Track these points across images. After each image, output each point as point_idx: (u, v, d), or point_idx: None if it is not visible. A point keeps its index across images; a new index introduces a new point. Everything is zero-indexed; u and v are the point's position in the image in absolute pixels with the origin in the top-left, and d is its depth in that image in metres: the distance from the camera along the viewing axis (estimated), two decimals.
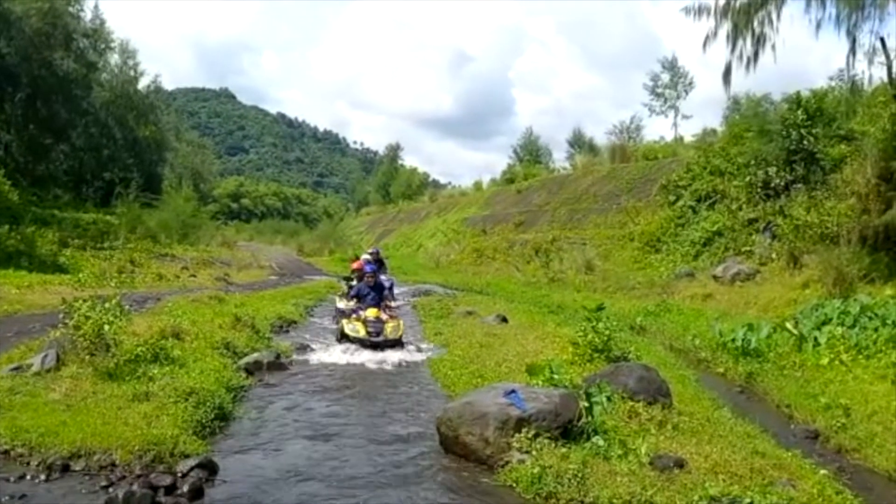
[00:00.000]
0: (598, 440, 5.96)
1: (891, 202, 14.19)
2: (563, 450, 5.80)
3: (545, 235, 31.42)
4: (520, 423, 6.07)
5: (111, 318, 7.86)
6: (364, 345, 11.51)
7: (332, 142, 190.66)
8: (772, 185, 19.54)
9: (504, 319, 14.70)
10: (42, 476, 5.31)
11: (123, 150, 39.92)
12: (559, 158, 54.23)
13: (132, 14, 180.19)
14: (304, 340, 12.88)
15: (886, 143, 15.19)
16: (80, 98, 35.11)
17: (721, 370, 11.16)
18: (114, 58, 40.76)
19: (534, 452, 5.78)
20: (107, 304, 8.03)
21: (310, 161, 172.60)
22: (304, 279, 28.68)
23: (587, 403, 6.46)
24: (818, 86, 21.13)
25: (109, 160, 38.93)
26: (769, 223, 19.04)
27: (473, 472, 5.99)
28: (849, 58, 15.21)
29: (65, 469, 5.43)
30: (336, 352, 11.60)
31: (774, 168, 19.41)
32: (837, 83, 19.95)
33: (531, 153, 54.31)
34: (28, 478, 5.29)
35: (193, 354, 9.17)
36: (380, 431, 7.27)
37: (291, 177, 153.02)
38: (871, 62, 15.07)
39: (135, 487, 4.94)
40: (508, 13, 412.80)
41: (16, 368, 7.56)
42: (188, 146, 69.46)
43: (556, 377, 7.19)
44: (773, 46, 15.69)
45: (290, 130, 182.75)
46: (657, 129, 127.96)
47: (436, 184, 78.27)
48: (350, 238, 56.48)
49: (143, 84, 43.54)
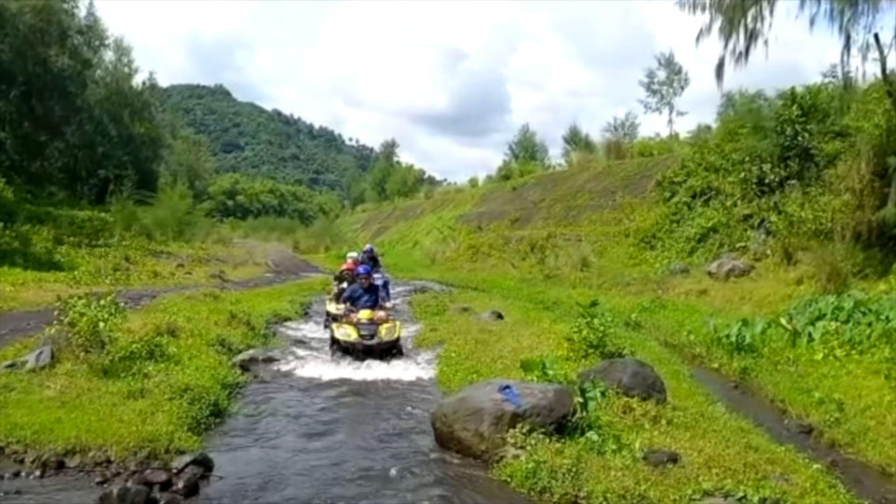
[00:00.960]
0: (593, 435, 5.99)
1: (885, 198, 14.24)
2: (558, 445, 5.84)
3: (541, 232, 31.44)
4: (514, 419, 6.10)
5: (106, 316, 7.89)
6: (356, 349, 10.47)
7: (328, 139, 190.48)
8: (766, 182, 19.58)
9: (499, 316, 14.72)
10: (37, 473, 5.33)
11: (118, 148, 39.74)
12: (555, 155, 54.26)
13: (126, 11, 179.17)
14: (293, 345, 12.07)
15: (880, 139, 15.24)
16: (75, 95, 34.93)
17: (715, 366, 11.20)
18: (108, 55, 40.65)
19: (528, 447, 5.81)
20: (102, 302, 8.06)
21: (305, 158, 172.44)
22: (300, 276, 28.68)
23: (581, 399, 6.50)
24: (812, 82, 21.18)
25: (104, 157, 38.74)
26: (763, 219, 19.09)
27: (468, 467, 6.01)
28: (843, 54, 15.23)
29: (60, 466, 5.44)
30: (319, 364, 10.32)
31: (769, 164, 19.44)
32: (832, 80, 19.93)
33: (527, 150, 54.27)
34: (23, 474, 5.30)
35: (188, 351, 9.20)
36: (374, 427, 7.29)
37: (287, 174, 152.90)
38: (865, 58, 15.04)
39: (130, 484, 4.95)
40: (503, 9, 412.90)
41: (10, 365, 7.55)
42: (183, 143, 69.23)
43: (551, 373, 7.22)
44: (766, 42, 15.70)
45: (286, 127, 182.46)
46: (652, 126, 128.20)
47: (431, 181, 78.40)
48: (346, 235, 56.53)
49: (138, 81, 43.51)
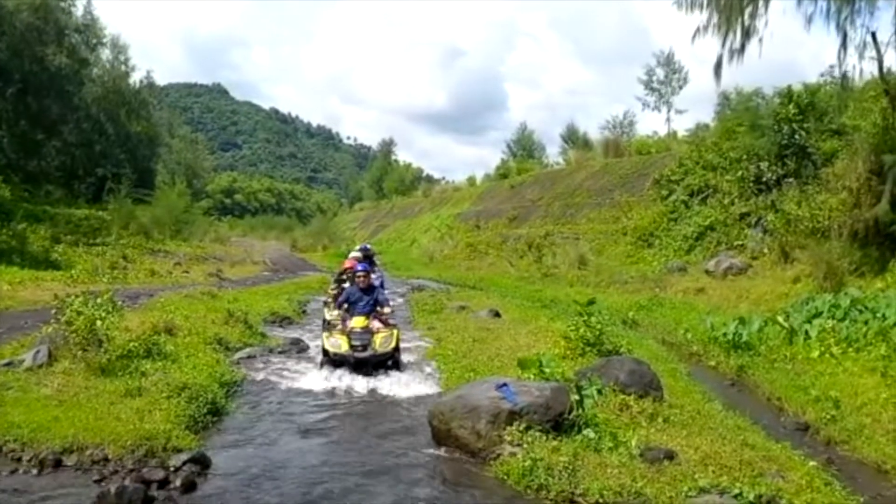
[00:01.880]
0: (589, 433, 6.01)
1: (881, 196, 14.25)
2: (554, 442, 5.85)
3: (538, 230, 31.46)
4: (511, 417, 6.12)
5: (103, 314, 7.87)
6: (348, 363, 9.32)
7: (326, 137, 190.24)
8: (763, 180, 19.62)
9: (497, 314, 14.74)
10: (34, 471, 5.33)
11: (116, 146, 39.69)
12: (552, 153, 54.16)
13: (123, 9, 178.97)
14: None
15: (877, 138, 15.26)
16: (72, 94, 34.89)
17: (712, 363, 11.23)
18: (105, 53, 40.63)
19: (525, 445, 5.82)
20: (99, 300, 8.04)
21: (303, 156, 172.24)
22: (298, 275, 28.65)
23: (578, 397, 6.52)
24: (810, 80, 21.22)
25: (101, 156, 38.67)
26: (761, 218, 19.12)
27: (465, 465, 6.02)
28: (840, 52, 15.25)
29: (57, 464, 5.44)
30: (311, 377, 9.39)
31: (766, 163, 19.48)
32: (829, 79, 19.98)
33: (525, 148, 54.27)
34: (20, 472, 5.30)
35: (186, 350, 9.21)
36: (371, 424, 7.30)
37: (285, 172, 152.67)
38: (862, 56, 15.06)
39: (127, 482, 4.96)
40: (500, 7, 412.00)
41: (8, 364, 7.55)
42: (181, 142, 69.25)
43: (548, 371, 7.25)
44: (761, 40, 15.69)
45: (284, 126, 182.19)
46: (650, 124, 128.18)
47: (429, 179, 78.33)
48: (344, 233, 56.49)
49: (135, 79, 43.44)
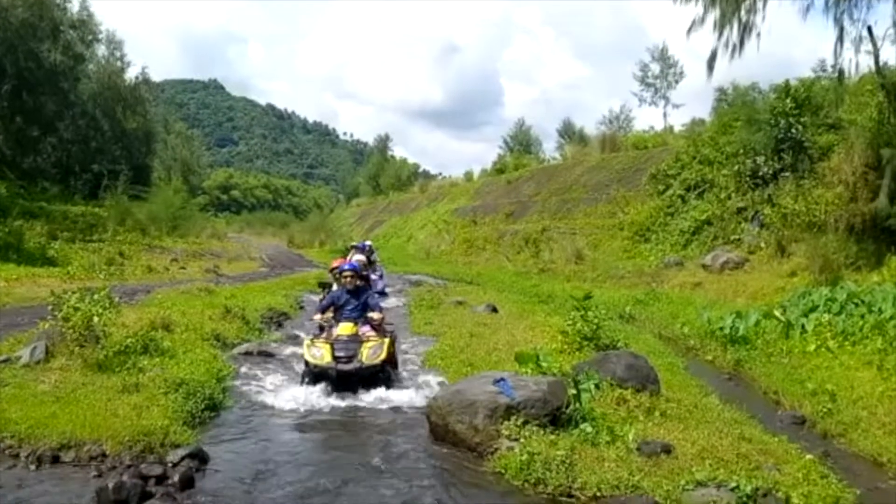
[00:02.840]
0: (587, 427, 6.01)
1: (877, 190, 14.29)
2: (552, 437, 5.86)
3: (535, 225, 31.45)
4: (508, 411, 6.12)
5: (100, 310, 7.87)
6: (329, 377, 8.12)
7: (322, 133, 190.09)
8: (760, 174, 19.62)
9: (494, 309, 14.75)
10: (32, 467, 5.32)
11: (111, 143, 39.54)
12: (549, 149, 54.25)
13: (119, 5, 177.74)
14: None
15: (874, 132, 15.29)
16: (68, 90, 34.73)
17: (709, 357, 11.26)
18: (101, 49, 40.28)
19: (522, 439, 5.83)
20: (96, 296, 8.03)
21: (299, 152, 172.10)
22: (295, 271, 28.61)
23: (575, 391, 6.52)
24: (806, 75, 21.22)
25: (97, 152, 38.55)
26: (757, 212, 19.13)
27: (463, 460, 6.03)
28: (836, 46, 15.24)
29: (55, 460, 5.44)
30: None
31: (762, 157, 19.47)
32: (824, 74, 19.99)
33: (521, 143, 54.21)
34: (18, 468, 5.29)
35: (183, 346, 9.20)
36: (369, 420, 7.31)
37: (281, 168, 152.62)
38: (859, 50, 15.06)
39: (125, 477, 4.94)
40: (495, 3, 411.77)
41: (5, 360, 7.54)
42: (177, 138, 68.98)
43: (545, 365, 7.26)
44: (758, 35, 15.70)
45: (280, 122, 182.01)
46: (647, 119, 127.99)
47: (426, 174, 78.10)
48: (341, 229, 56.35)
49: (131, 76, 43.19)
